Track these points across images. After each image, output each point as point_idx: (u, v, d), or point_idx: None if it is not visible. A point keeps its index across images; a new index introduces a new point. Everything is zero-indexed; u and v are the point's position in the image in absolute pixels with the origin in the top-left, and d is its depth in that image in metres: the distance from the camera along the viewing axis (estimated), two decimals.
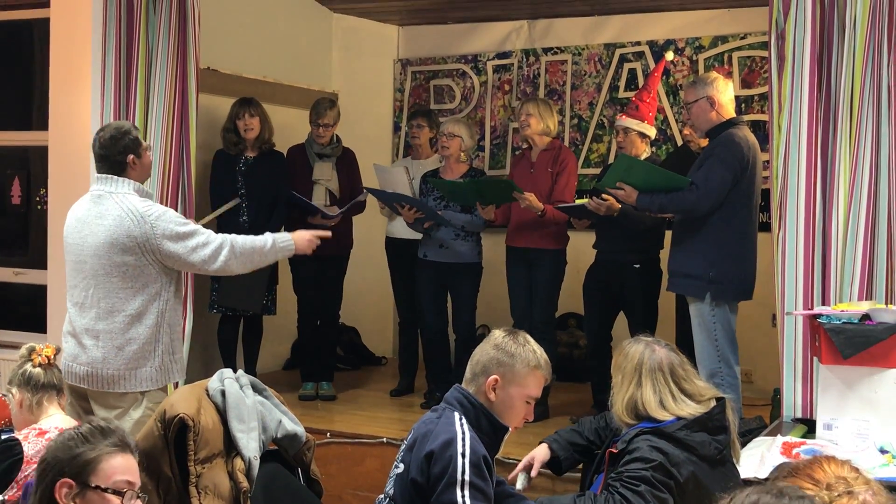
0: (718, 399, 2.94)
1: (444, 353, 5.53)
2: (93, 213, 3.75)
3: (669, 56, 5.65)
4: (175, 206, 4.89)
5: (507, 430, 2.87)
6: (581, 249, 5.50)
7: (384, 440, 4.70)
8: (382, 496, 2.86)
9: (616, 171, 4.57)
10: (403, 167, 5.58)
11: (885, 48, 3.88)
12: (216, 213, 5.26)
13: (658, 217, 4.80)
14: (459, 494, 2.61)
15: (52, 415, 3.35)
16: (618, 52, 6.49)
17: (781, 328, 4.12)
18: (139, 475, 2.26)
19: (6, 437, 3.20)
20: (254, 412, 2.91)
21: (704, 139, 4.78)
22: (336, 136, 5.72)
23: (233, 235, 3.83)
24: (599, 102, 6.56)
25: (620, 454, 2.84)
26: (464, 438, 2.69)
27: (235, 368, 3.20)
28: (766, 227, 4.59)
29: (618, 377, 2.98)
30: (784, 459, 3.14)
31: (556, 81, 6.69)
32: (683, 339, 4.63)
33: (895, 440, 3.37)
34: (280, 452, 3.03)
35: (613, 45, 6.51)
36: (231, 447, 2.85)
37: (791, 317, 4.04)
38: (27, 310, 6.30)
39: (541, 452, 3.27)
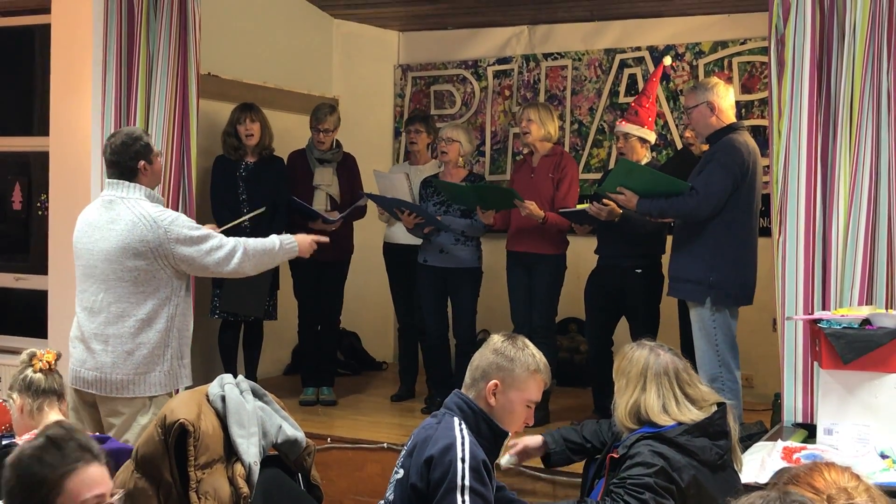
0: (719, 404, 2.94)
1: (445, 358, 5.52)
2: (104, 218, 3.76)
3: (667, 61, 5.65)
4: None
5: (507, 435, 2.87)
6: (581, 254, 5.50)
7: (385, 445, 4.69)
8: (383, 502, 2.86)
9: (616, 176, 4.57)
10: (404, 173, 5.57)
11: (885, 53, 3.88)
12: (241, 220, 5.13)
13: (659, 222, 4.80)
14: (459, 499, 2.60)
15: (53, 420, 3.34)
16: (618, 58, 6.50)
17: (782, 333, 4.11)
18: (110, 481, 2.08)
19: (7, 443, 3.19)
20: (254, 417, 2.91)
21: (705, 144, 4.78)
22: (337, 142, 5.73)
23: (244, 238, 3.93)
24: (600, 108, 6.56)
25: (621, 459, 2.83)
26: (463, 443, 2.69)
27: (236, 374, 3.20)
28: (767, 232, 4.59)
29: (621, 382, 2.96)
30: (785, 464, 3.13)
31: (557, 87, 6.70)
32: (687, 344, 4.64)
33: (895, 445, 3.37)
34: (280, 458, 3.02)
35: (613, 51, 6.52)
36: (231, 452, 2.85)
37: (791, 321, 4.04)
38: (28, 315, 6.31)
39: (532, 438, 3.26)
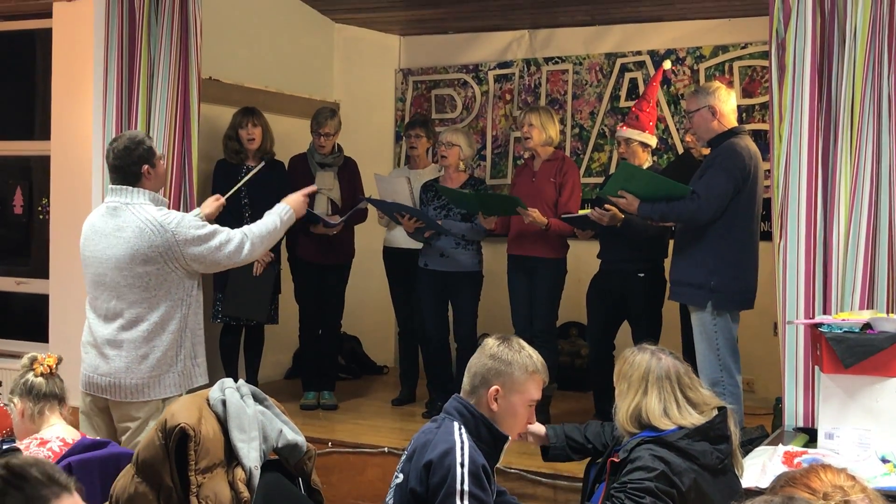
0: (720, 408, 2.94)
1: (446, 362, 5.52)
2: (110, 226, 3.76)
3: (667, 65, 5.65)
4: None
5: (507, 440, 2.87)
6: (583, 258, 5.50)
7: (385, 450, 4.69)
8: None
9: (618, 180, 4.57)
10: (405, 177, 5.57)
11: (886, 58, 3.88)
12: (245, 181, 5.04)
13: (661, 226, 4.80)
14: None
15: (54, 424, 3.35)
16: (619, 62, 6.50)
17: (783, 337, 4.11)
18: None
19: (7, 447, 3.19)
20: (254, 422, 2.91)
21: (706, 148, 4.78)
22: (338, 146, 5.73)
23: (246, 227, 3.97)
24: (600, 112, 6.56)
25: (622, 463, 2.83)
26: (462, 448, 2.68)
27: (237, 378, 3.20)
28: (768, 236, 4.59)
29: (623, 386, 2.96)
30: (786, 469, 3.13)
31: (557, 91, 6.70)
32: (688, 348, 4.63)
33: None
34: (281, 462, 3.02)
35: (614, 55, 6.52)
36: (232, 457, 2.84)
37: (792, 326, 4.03)
38: (29, 319, 6.32)
39: (536, 426, 3.24)
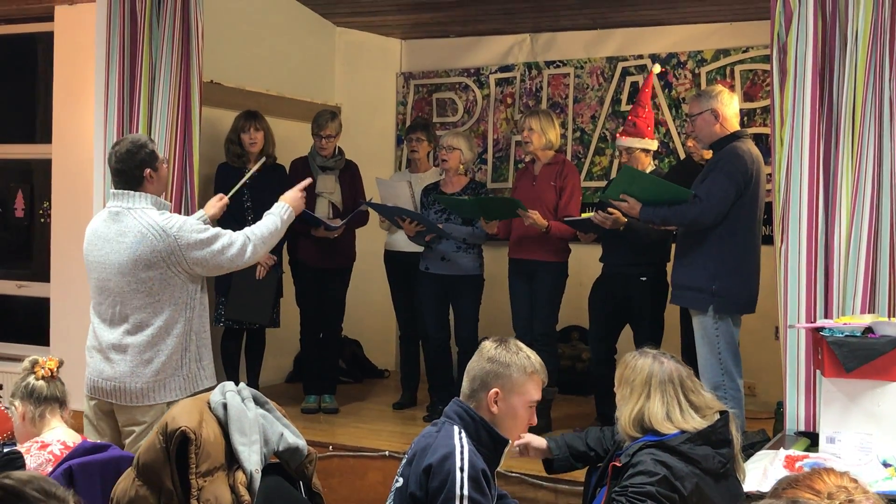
0: (722, 412, 2.93)
1: (447, 366, 5.52)
2: (113, 231, 3.76)
3: (656, 70, 5.65)
4: None
5: (508, 444, 2.86)
6: (584, 262, 5.50)
7: (386, 453, 4.69)
8: None
9: (620, 183, 4.57)
10: (407, 181, 5.57)
11: (887, 62, 3.88)
12: (246, 178, 5.03)
13: (664, 230, 4.80)
14: None
15: (55, 427, 3.35)
16: (620, 66, 6.50)
17: (784, 341, 4.10)
18: None
19: (8, 451, 3.19)
20: (255, 425, 2.91)
21: (708, 151, 4.78)
22: (339, 149, 5.73)
23: (248, 229, 3.96)
24: (602, 115, 6.56)
25: (624, 468, 2.82)
26: (462, 452, 2.68)
27: (238, 381, 3.20)
28: (769, 240, 4.59)
29: (625, 390, 2.95)
30: (787, 473, 3.13)
31: (559, 95, 6.70)
32: (688, 352, 4.63)
33: None
34: (282, 466, 3.02)
35: (615, 59, 6.52)
36: (233, 460, 2.84)
37: (794, 330, 4.03)
38: (30, 322, 6.32)
39: (537, 439, 3.25)
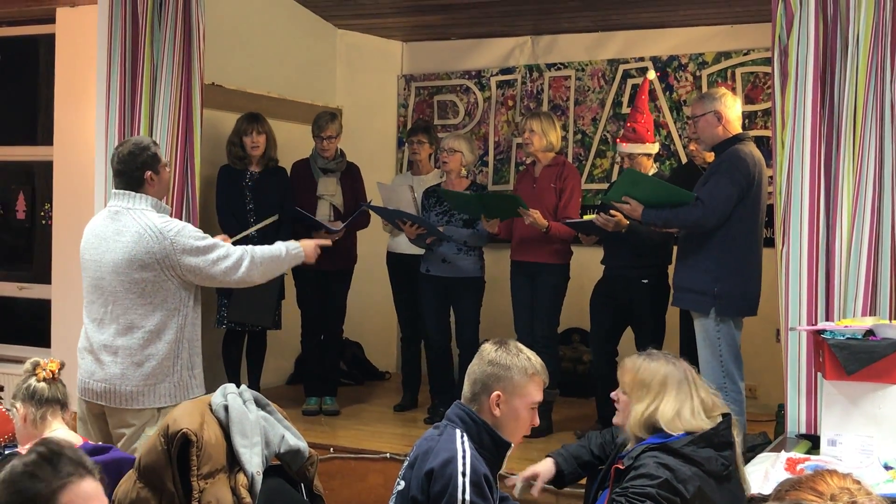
0: (724, 415, 2.94)
1: (448, 368, 5.52)
2: (111, 230, 3.75)
3: (651, 75, 5.65)
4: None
5: (510, 447, 2.86)
6: (586, 265, 5.50)
7: (387, 455, 4.68)
8: None
9: (622, 186, 4.57)
10: (408, 185, 5.57)
11: (888, 64, 3.88)
12: (255, 228, 5.09)
13: (666, 232, 4.80)
14: None
15: (56, 429, 3.34)
16: (621, 68, 6.51)
17: (785, 344, 4.10)
18: (104, 496, 1.95)
19: (9, 452, 3.19)
20: (257, 427, 2.91)
21: (710, 153, 4.78)
22: (340, 151, 5.73)
23: (250, 246, 3.90)
24: (603, 118, 6.57)
25: (626, 470, 2.82)
26: (464, 457, 2.68)
27: (239, 383, 3.20)
28: (770, 243, 4.59)
29: (640, 392, 2.93)
30: (788, 475, 3.13)
31: (560, 97, 6.71)
32: (688, 354, 4.62)
33: None
34: (283, 468, 3.02)
35: (617, 61, 6.53)
36: (234, 462, 2.84)
37: (795, 332, 4.03)
38: (31, 324, 6.32)
39: (546, 468, 3.23)
